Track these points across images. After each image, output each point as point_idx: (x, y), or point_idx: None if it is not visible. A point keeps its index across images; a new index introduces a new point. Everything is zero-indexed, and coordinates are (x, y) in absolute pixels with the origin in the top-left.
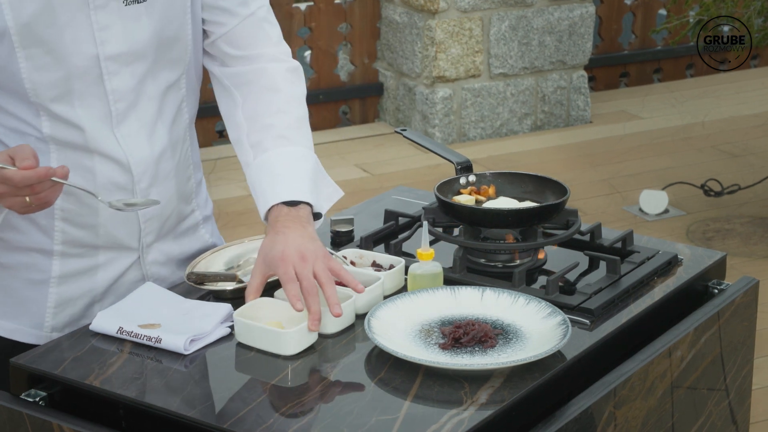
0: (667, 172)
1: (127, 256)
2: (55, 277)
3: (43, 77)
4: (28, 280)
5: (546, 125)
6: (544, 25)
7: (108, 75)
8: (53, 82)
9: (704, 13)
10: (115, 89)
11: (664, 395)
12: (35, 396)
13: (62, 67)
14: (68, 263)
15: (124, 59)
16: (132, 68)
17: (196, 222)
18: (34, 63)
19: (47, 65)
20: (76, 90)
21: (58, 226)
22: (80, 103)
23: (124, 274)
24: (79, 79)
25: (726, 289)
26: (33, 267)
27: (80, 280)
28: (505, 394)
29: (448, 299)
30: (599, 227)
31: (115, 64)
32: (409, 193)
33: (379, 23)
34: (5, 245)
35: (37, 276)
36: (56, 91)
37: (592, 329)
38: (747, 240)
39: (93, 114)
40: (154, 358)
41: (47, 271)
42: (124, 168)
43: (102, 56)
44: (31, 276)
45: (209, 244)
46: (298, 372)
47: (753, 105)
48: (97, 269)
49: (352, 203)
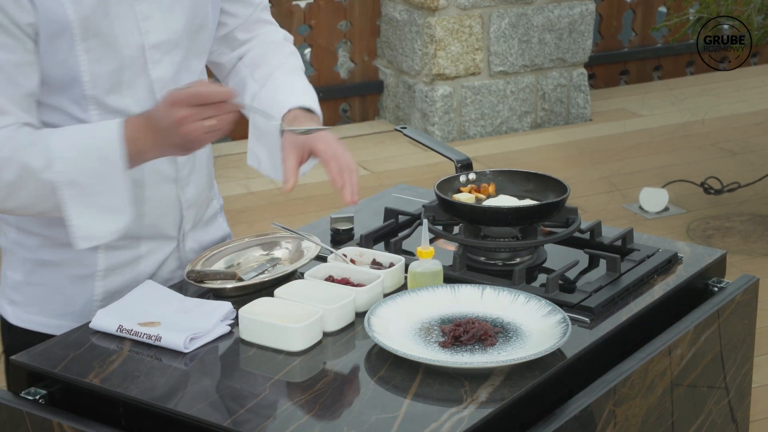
0: (667, 170)
1: (168, 245)
2: (101, 271)
3: (101, 69)
4: (75, 276)
5: (546, 123)
6: (544, 23)
7: (152, 64)
8: (108, 73)
9: (704, 11)
10: (158, 78)
11: (664, 393)
12: (35, 394)
13: (115, 59)
14: (113, 256)
15: (165, 48)
16: (170, 57)
17: (215, 211)
18: (92, 55)
19: (103, 57)
20: (125, 80)
21: None
22: (129, 93)
23: (164, 264)
24: (128, 70)
25: (726, 287)
26: (79, 262)
27: (124, 272)
28: (505, 392)
29: (448, 297)
30: (599, 225)
31: (158, 53)
32: (409, 191)
33: (378, 21)
34: (51, 242)
35: (83, 271)
36: (110, 82)
37: (592, 327)
38: (747, 238)
39: (140, 104)
40: (154, 356)
41: (93, 265)
42: (169, 157)
43: (146, 45)
44: (77, 271)
45: (226, 233)
46: (297, 370)
47: (753, 103)
48: (140, 260)
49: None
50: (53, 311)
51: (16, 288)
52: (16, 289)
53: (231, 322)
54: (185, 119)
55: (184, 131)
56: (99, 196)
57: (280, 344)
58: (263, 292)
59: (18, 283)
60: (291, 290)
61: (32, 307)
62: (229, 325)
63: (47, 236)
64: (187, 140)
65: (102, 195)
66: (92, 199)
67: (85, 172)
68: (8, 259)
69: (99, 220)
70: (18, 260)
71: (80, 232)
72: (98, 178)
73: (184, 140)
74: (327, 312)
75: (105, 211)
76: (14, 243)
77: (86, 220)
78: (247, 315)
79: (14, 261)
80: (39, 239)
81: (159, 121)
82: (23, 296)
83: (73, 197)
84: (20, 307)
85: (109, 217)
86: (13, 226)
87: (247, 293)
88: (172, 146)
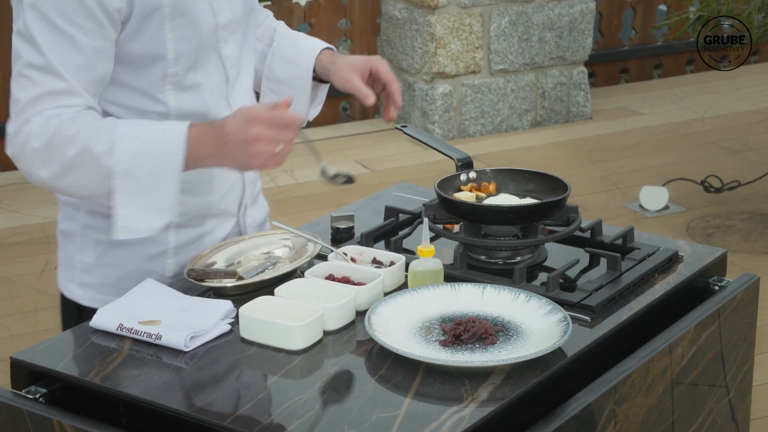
0: (667, 169)
1: (229, 222)
2: (172, 248)
3: (183, 47)
4: (147, 255)
5: (546, 121)
6: (544, 21)
7: (222, 42)
8: (189, 50)
9: (704, 9)
10: (228, 56)
11: (664, 392)
12: (35, 393)
13: (195, 37)
14: (182, 234)
15: (232, 27)
16: (235, 36)
17: (258, 190)
18: (176, 34)
19: (186, 35)
20: (200, 58)
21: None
22: (202, 69)
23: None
24: (203, 48)
25: (726, 285)
26: (151, 241)
27: (191, 249)
28: (505, 391)
29: (449, 296)
30: (600, 224)
31: (226, 32)
32: (409, 189)
33: (378, 19)
34: None
35: (155, 249)
36: (190, 60)
37: (592, 326)
38: (747, 236)
39: (212, 81)
40: (155, 354)
41: (165, 243)
42: None
43: (219, 25)
44: (150, 250)
45: (267, 210)
46: (297, 369)
47: (753, 101)
48: (204, 237)
49: (352, 200)
50: (126, 290)
51: (87, 270)
52: (88, 272)
53: (231, 321)
54: (260, 139)
55: (256, 150)
56: (149, 191)
57: (280, 343)
58: (263, 291)
59: (89, 265)
60: (291, 289)
61: (106, 287)
62: (230, 324)
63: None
64: (253, 159)
65: (152, 191)
66: (142, 193)
67: (142, 166)
68: (77, 243)
69: (143, 215)
70: (89, 243)
71: (123, 222)
72: (153, 174)
73: (250, 158)
74: (327, 311)
75: (150, 207)
76: (85, 227)
77: (131, 212)
78: (248, 314)
79: (85, 244)
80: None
81: (231, 134)
82: (96, 278)
83: (125, 187)
84: (93, 289)
85: (152, 214)
86: (85, 210)
87: (247, 292)
88: (234, 160)
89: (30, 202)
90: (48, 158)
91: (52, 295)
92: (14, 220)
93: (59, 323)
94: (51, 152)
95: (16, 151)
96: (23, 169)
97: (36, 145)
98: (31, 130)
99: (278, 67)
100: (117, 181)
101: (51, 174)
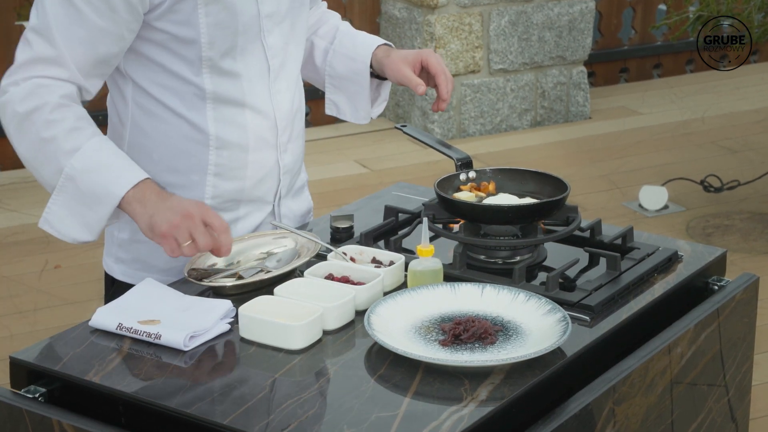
0: (666, 168)
1: (263, 209)
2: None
3: (218, 32)
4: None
5: (546, 121)
6: (543, 21)
7: (266, 32)
8: (225, 36)
9: (704, 9)
10: (271, 46)
11: (663, 392)
12: (35, 392)
13: (233, 24)
14: None
15: (276, 18)
16: (280, 27)
17: (303, 183)
18: (211, 19)
19: (222, 21)
20: (239, 45)
21: (210, 181)
22: (242, 57)
23: (258, 228)
24: (243, 36)
25: (726, 285)
26: None
27: None
28: (505, 390)
29: (448, 296)
30: (599, 223)
31: (270, 23)
32: (409, 189)
33: (378, 18)
34: None
35: None
36: (226, 46)
37: (592, 326)
38: (747, 236)
39: (252, 69)
40: (154, 354)
41: None
42: (271, 122)
43: (262, 14)
44: None
45: (311, 205)
46: (297, 369)
47: (753, 101)
48: (237, 222)
49: (351, 199)
50: (156, 267)
51: (122, 246)
52: (123, 248)
53: (231, 321)
54: (177, 226)
55: (169, 227)
56: (83, 206)
57: (280, 342)
58: (263, 291)
59: (124, 241)
60: (291, 288)
61: (138, 263)
62: (229, 324)
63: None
64: (164, 232)
65: (86, 207)
66: (76, 204)
67: (87, 182)
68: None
69: (68, 221)
70: (126, 220)
71: (49, 215)
72: (93, 196)
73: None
74: (327, 310)
75: (79, 219)
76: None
77: (59, 212)
78: (247, 313)
79: (122, 221)
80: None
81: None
82: (129, 254)
83: (64, 189)
84: (126, 264)
85: (77, 226)
86: None
87: (246, 291)
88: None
89: (30, 201)
90: (21, 127)
91: (52, 295)
92: (14, 219)
93: (59, 322)
94: (26, 123)
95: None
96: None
97: (18, 109)
98: (15, 93)
99: (338, 63)
100: (62, 180)
101: (17, 140)
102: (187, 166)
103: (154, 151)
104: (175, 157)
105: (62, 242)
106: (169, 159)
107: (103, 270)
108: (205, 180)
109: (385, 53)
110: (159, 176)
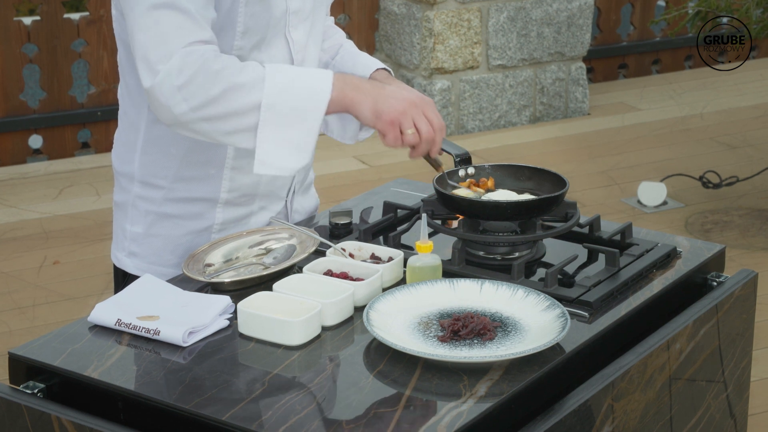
0: (665, 164)
1: (277, 205)
2: (218, 224)
3: (253, 24)
4: (192, 230)
5: (544, 117)
6: (542, 17)
7: (291, 27)
8: (257, 28)
9: (703, 5)
10: (296, 40)
11: (662, 388)
12: (33, 388)
13: (265, 17)
14: (229, 211)
15: (301, 15)
16: (304, 24)
17: (311, 180)
18: (249, 9)
19: (257, 13)
20: (267, 38)
21: (227, 174)
22: (267, 49)
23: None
24: (272, 29)
25: (725, 281)
26: (199, 216)
27: (237, 226)
28: (503, 386)
29: (447, 292)
30: (598, 219)
31: (296, 19)
32: (408, 185)
33: (377, 14)
34: (175, 196)
35: (201, 224)
36: (257, 38)
37: (590, 322)
38: (745, 232)
39: (276, 62)
40: (153, 350)
41: (212, 218)
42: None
43: (289, 10)
44: (197, 225)
45: (318, 202)
46: (296, 364)
47: (751, 97)
48: (251, 216)
49: (350, 195)
50: (169, 262)
51: (136, 240)
52: (136, 242)
53: (229, 316)
54: (406, 113)
55: (396, 113)
56: (291, 128)
57: (278, 338)
58: (262, 286)
59: (138, 235)
60: (290, 284)
61: (151, 257)
62: (228, 319)
63: (172, 189)
64: (388, 114)
65: (294, 129)
66: (284, 129)
67: (288, 102)
68: (129, 213)
69: (282, 152)
70: (140, 214)
71: (262, 155)
72: (298, 112)
73: (388, 112)
74: (326, 306)
75: (291, 145)
76: (137, 197)
77: (271, 147)
78: (246, 309)
79: (136, 215)
80: (164, 192)
81: (389, 89)
82: (143, 248)
83: (268, 120)
84: (139, 258)
85: (292, 152)
86: (138, 180)
87: (245, 287)
88: (373, 103)
89: (28, 197)
90: (191, 93)
91: (51, 291)
92: (13, 215)
93: (58, 318)
94: (195, 87)
95: (155, 83)
96: (162, 102)
97: (178, 82)
98: (171, 67)
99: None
100: (261, 113)
101: (193, 106)
102: (205, 160)
103: (171, 145)
104: (192, 150)
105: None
106: (186, 152)
107: (102, 266)
108: (222, 174)
109: (383, 78)
110: (176, 169)
